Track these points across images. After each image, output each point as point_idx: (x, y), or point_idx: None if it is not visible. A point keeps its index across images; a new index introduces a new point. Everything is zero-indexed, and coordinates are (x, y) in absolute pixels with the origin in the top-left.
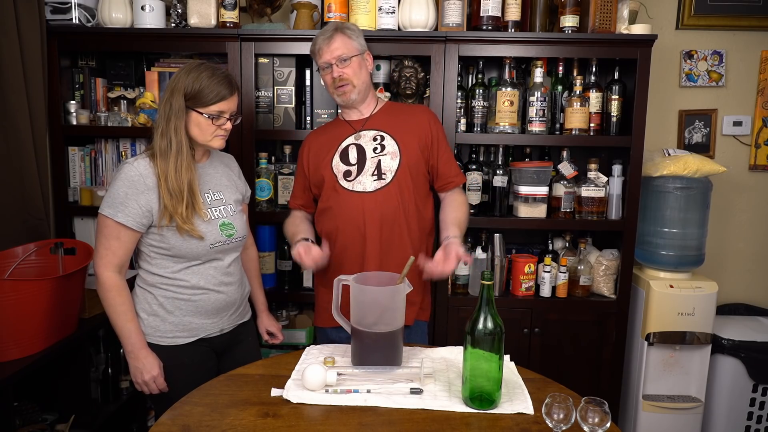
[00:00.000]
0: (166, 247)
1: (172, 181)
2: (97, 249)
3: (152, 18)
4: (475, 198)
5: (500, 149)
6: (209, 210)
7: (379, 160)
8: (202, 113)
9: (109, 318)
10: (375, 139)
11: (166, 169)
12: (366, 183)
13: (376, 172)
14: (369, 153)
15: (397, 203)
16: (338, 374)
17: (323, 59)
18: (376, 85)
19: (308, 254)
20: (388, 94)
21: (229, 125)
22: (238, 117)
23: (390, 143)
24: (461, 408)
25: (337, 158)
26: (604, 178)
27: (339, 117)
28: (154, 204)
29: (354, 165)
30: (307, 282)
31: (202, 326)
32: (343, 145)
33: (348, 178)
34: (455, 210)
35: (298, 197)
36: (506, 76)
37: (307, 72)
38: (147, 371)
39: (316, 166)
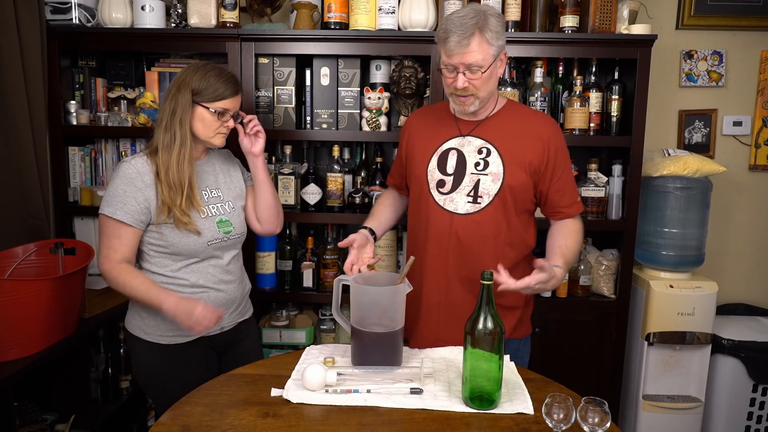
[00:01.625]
0: (164, 244)
1: (173, 173)
2: (99, 249)
3: (152, 18)
4: None
5: None
6: (206, 207)
7: (479, 180)
8: (208, 108)
9: (134, 299)
10: (480, 152)
11: (168, 161)
12: (459, 203)
13: (472, 193)
14: (469, 167)
15: (489, 231)
16: (338, 374)
17: (451, 61)
18: (374, 86)
19: (355, 263)
20: (387, 95)
21: (231, 123)
22: (239, 117)
23: (495, 161)
24: (461, 408)
25: (434, 162)
26: (604, 178)
27: (449, 107)
28: (152, 200)
29: (450, 176)
30: (307, 282)
31: None
32: (444, 147)
33: (441, 190)
34: (565, 236)
35: (395, 176)
36: (506, 76)
37: (307, 72)
38: (194, 315)
39: (412, 157)
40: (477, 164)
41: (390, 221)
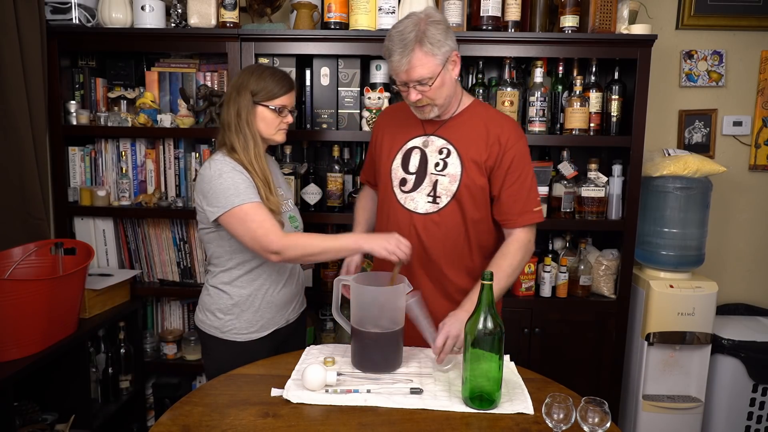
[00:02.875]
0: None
1: (258, 169)
2: (255, 233)
3: (152, 18)
4: None
5: None
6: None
7: (437, 181)
8: (268, 106)
9: (321, 255)
10: (441, 152)
11: (251, 159)
12: (419, 202)
13: (432, 193)
14: (430, 167)
15: (447, 232)
16: (338, 374)
17: (398, 78)
18: (374, 86)
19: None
20: (387, 95)
21: (290, 118)
22: (294, 111)
23: (453, 162)
24: (461, 408)
25: (398, 160)
26: (604, 178)
27: None
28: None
29: (412, 174)
30: (307, 282)
31: (273, 319)
32: (409, 145)
33: (403, 188)
34: (496, 264)
35: (367, 171)
36: (506, 76)
37: (307, 72)
38: (395, 243)
39: (380, 153)
40: (437, 164)
41: (373, 223)
